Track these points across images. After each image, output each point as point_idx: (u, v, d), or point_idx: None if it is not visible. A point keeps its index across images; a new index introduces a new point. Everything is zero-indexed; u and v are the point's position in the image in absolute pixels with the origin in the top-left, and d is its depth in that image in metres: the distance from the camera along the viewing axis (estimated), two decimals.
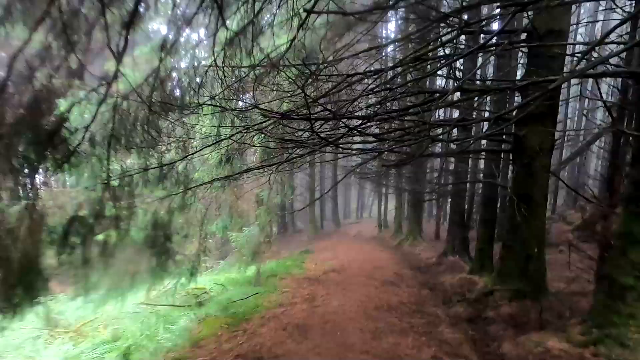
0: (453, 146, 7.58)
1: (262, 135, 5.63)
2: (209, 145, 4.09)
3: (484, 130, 7.30)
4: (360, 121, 4.40)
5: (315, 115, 4.01)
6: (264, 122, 4.37)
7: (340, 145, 5.06)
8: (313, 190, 19.42)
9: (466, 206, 10.29)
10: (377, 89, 4.24)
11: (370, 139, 5.35)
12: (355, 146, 5.75)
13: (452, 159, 10.84)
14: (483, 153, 6.43)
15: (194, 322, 5.00)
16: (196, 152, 4.13)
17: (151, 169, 3.52)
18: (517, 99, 7.03)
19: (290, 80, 3.94)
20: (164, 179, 3.96)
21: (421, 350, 4.08)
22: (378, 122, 4.65)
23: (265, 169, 7.38)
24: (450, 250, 10.50)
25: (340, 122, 4.82)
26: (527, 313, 4.99)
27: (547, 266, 5.86)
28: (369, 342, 4.34)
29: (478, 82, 7.19)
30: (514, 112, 5.01)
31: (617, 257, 3.68)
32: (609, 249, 6.16)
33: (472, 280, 7.54)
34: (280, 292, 7.15)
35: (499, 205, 8.25)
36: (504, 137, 6.11)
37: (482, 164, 9.06)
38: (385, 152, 5.50)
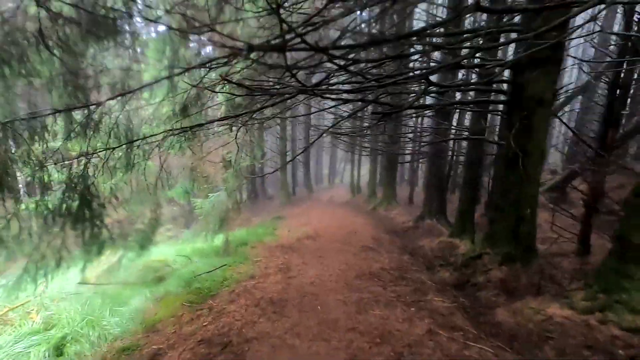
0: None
1: (225, 84, 4.72)
2: (151, 83, 3.16)
3: (471, 79, 6.70)
4: (343, 61, 3.62)
5: (292, 45, 3.16)
6: (226, 57, 3.46)
7: (321, 92, 4.26)
8: (284, 153, 18.55)
9: (446, 168, 9.95)
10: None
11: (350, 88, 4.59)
12: (335, 96, 4.97)
13: (428, 116, 10.35)
14: (471, 105, 5.83)
15: (149, 302, 4.28)
16: (137, 89, 3.19)
17: (62, 111, 2.57)
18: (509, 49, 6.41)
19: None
20: (93, 129, 3.02)
21: (413, 324, 3.63)
22: (368, 62, 3.88)
23: (231, 123, 6.44)
24: (427, 213, 10.28)
25: (322, 59, 4.00)
26: (518, 277, 4.69)
27: None
28: (354, 317, 3.84)
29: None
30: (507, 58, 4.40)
31: (632, 216, 3.28)
32: (595, 209, 6.02)
33: (453, 244, 7.28)
34: (251, 262, 6.53)
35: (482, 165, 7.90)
36: (493, 86, 5.55)
37: (465, 120, 8.58)
38: (372, 103, 4.75)
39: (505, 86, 5.28)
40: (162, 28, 4.16)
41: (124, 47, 3.46)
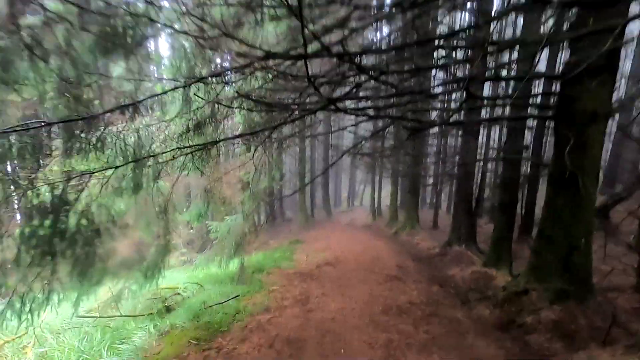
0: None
1: (243, 100, 4.46)
2: (159, 94, 2.88)
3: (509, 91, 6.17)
4: (367, 74, 3.25)
5: (314, 53, 2.84)
6: (243, 66, 3.17)
7: (345, 107, 3.90)
8: (303, 175, 18.26)
9: (475, 190, 9.30)
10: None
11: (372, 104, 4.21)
12: (359, 112, 4.60)
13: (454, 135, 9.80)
14: (510, 121, 5.27)
15: (153, 338, 3.85)
16: (142, 99, 2.91)
17: (53, 124, 2.28)
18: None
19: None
20: (95, 145, 2.74)
21: None
22: (397, 73, 3.50)
23: (248, 142, 6.13)
24: (455, 239, 9.56)
25: (347, 71, 3.66)
26: (575, 319, 4.00)
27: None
28: None
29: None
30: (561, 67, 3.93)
31: None
32: None
33: (488, 275, 6.58)
34: (267, 291, 6.05)
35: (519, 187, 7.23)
36: (535, 100, 5.03)
37: (492, 139, 7.98)
38: (399, 120, 4.34)
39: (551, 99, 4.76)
40: (178, 41, 3.97)
41: (136, 60, 3.24)
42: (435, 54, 4.50)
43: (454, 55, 4.36)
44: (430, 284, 6.67)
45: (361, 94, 4.43)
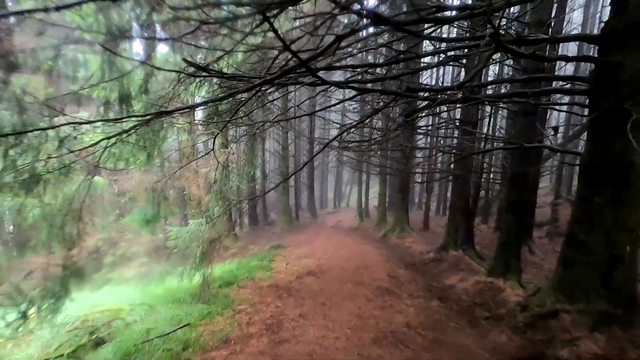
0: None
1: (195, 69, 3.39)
2: None
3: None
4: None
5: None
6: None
7: (329, 68, 2.88)
8: (286, 173, 17.17)
9: (472, 188, 8.42)
10: None
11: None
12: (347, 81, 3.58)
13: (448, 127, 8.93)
14: (534, 97, 4.22)
15: None
16: None
17: None
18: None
19: None
20: None
21: None
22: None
23: (205, 122, 5.09)
24: (451, 243, 8.65)
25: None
26: (624, 352, 3.07)
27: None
28: None
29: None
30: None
31: None
32: None
33: (495, 286, 5.65)
34: (232, 311, 4.96)
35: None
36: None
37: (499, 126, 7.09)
38: (398, 96, 3.32)
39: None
40: None
41: None
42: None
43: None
44: (428, 298, 5.69)
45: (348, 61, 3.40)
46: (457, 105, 6.99)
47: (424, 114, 4.30)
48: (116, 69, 2.83)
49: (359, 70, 3.43)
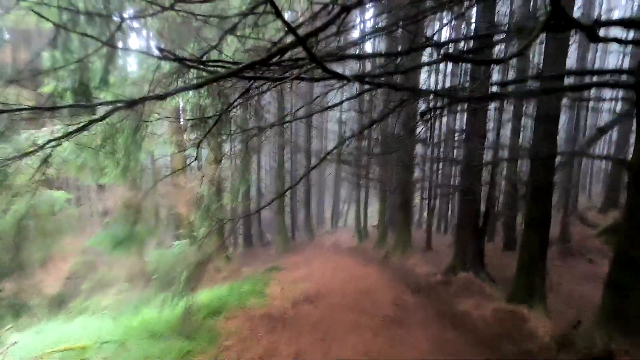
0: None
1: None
2: None
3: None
4: None
5: None
6: None
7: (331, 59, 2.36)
8: (282, 190, 16.56)
9: (482, 204, 7.85)
10: None
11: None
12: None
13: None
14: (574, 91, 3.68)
15: None
16: None
17: None
18: None
19: None
20: None
21: None
22: None
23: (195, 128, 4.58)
24: (459, 264, 8.00)
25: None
26: None
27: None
28: None
29: None
30: None
31: None
32: None
33: (517, 315, 4.99)
34: (217, 348, 4.26)
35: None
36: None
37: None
38: (402, 89, 2.80)
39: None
40: None
41: None
42: None
43: None
44: (442, 328, 5.01)
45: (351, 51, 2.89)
46: (465, 109, 6.53)
47: (438, 113, 3.83)
48: (70, 53, 2.29)
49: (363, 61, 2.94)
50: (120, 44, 2.62)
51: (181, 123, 6.86)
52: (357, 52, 2.91)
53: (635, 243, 2.99)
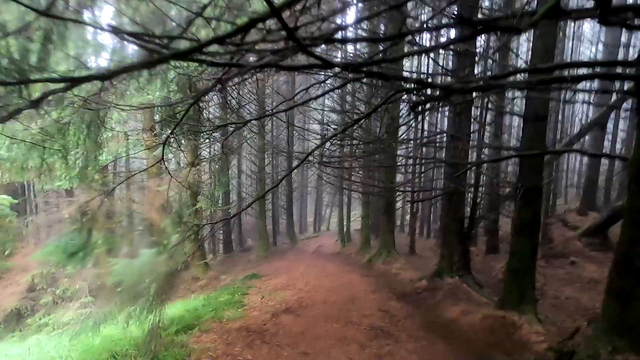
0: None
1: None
2: None
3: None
4: None
5: None
6: None
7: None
8: (262, 194, 16.10)
9: (467, 207, 7.71)
10: None
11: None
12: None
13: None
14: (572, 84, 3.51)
15: None
16: None
17: None
18: None
19: None
20: None
21: None
22: None
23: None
24: (445, 269, 7.81)
25: None
26: None
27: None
28: None
29: None
30: None
31: None
32: None
33: (508, 321, 4.78)
34: None
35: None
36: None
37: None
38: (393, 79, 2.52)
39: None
40: None
41: None
42: None
43: None
44: (431, 339, 4.74)
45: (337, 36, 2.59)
46: (450, 109, 6.36)
47: (429, 106, 3.58)
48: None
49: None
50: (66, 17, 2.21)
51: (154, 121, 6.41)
52: (342, 37, 2.62)
53: (636, 245, 2.80)
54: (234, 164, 20.93)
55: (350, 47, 7.07)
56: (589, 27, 18.46)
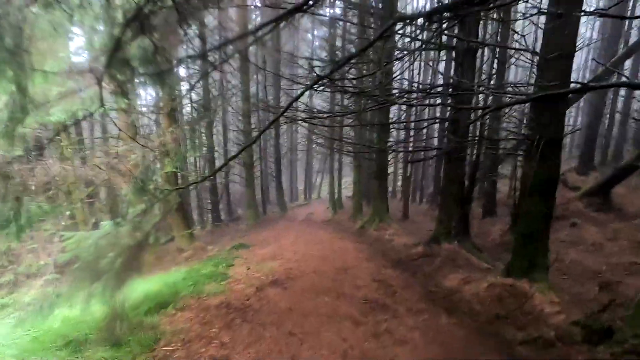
0: None
1: None
2: None
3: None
4: None
5: None
6: None
7: None
8: (250, 164, 15.36)
9: (467, 169, 7.10)
10: None
11: None
12: None
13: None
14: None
15: None
16: None
17: None
18: None
19: None
20: None
21: None
22: None
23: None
24: (443, 234, 7.33)
25: None
26: None
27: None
28: None
29: None
30: None
31: None
32: None
33: (518, 291, 4.30)
34: (152, 357, 3.25)
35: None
36: None
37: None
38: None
39: None
40: None
41: None
42: None
43: None
44: (433, 312, 4.25)
45: None
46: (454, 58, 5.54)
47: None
48: None
49: None
50: None
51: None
52: None
53: None
54: (218, 129, 19.88)
55: None
56: None
